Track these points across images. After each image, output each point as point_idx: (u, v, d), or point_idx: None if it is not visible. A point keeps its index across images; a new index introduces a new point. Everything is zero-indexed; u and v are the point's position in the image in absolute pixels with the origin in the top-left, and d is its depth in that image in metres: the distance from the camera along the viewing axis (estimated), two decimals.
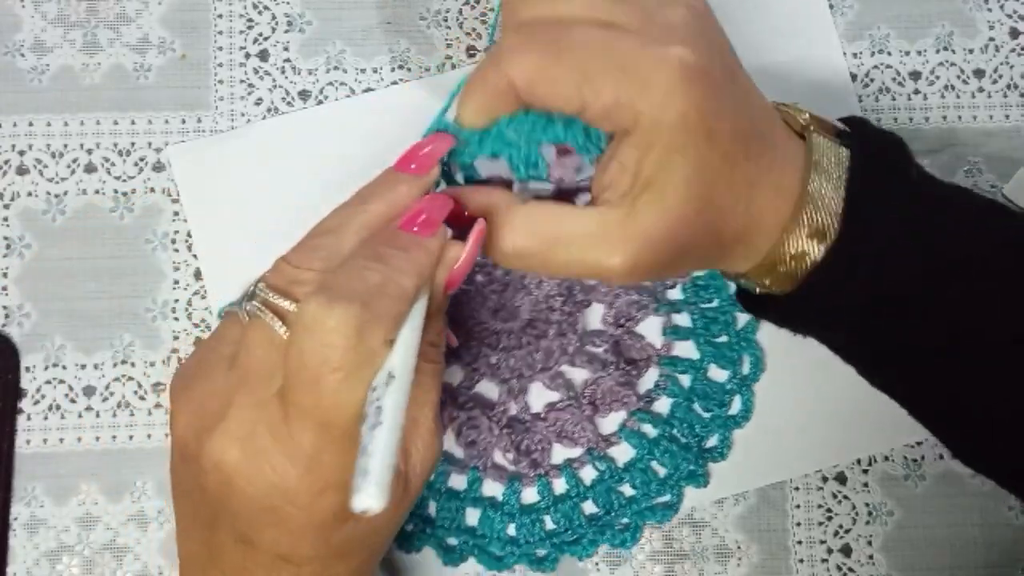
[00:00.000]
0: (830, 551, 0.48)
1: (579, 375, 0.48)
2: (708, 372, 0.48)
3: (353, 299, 0.32)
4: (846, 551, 0.48)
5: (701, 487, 0.48)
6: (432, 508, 0.47)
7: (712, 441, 0.48)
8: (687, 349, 0.49)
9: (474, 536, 0.47)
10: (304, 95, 0.51)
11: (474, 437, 0.47)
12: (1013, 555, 0.48)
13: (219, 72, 0.51)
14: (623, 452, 0.48)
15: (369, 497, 0.30)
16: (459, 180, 0.39)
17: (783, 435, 0.48)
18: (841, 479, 0.49)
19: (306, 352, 0.32)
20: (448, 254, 0.35)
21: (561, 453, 0.48)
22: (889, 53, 0.52)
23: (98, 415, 0.48)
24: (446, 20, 0.52)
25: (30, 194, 0.50)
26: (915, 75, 0.52)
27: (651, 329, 0.49)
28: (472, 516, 0.47)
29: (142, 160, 0.50)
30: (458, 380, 0.48)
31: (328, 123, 0.51)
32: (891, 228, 0.36)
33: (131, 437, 0.48)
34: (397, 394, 0.32)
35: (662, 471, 0.48)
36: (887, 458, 0.49)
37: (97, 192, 0.50)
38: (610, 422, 0.48)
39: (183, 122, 0.51)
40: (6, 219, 0.50)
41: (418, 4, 0.52)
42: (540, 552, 0.47)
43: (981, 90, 0.52)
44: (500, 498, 0.48)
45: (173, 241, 0.50)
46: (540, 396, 0.48)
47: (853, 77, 0.52)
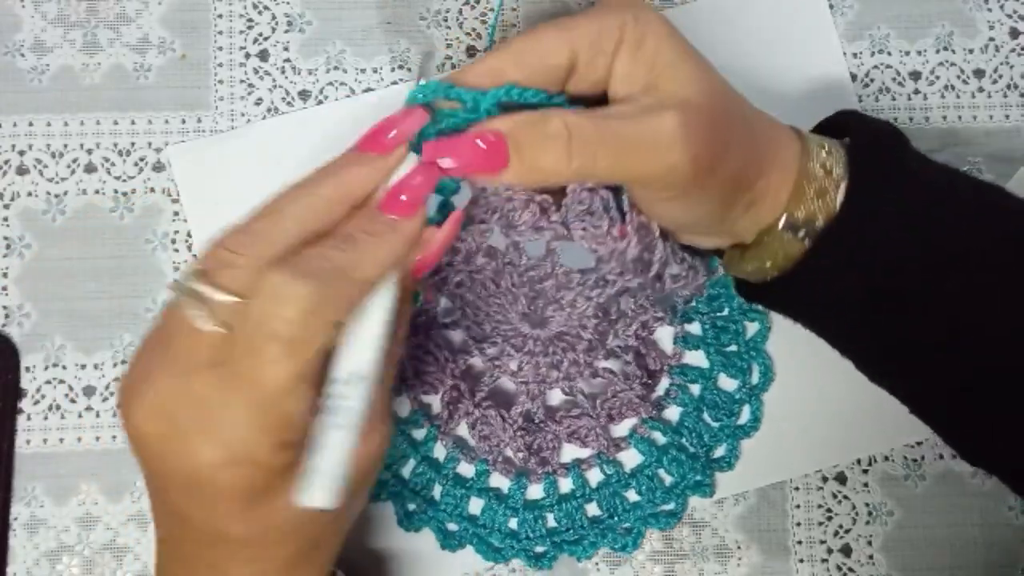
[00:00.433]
0: (830, 551, 0.48)
1: (599, 384, 0.48)
2: (718, 381, 0.48)
3: (313, 277, 0.32)
4: (846, 551, 0.48)
5: (707, 497, 0.48)
6: (437, 491, 0.48)
7: (720, 451, 0.48)
8: (698, 358, 0.49)
9: (475, 525, 0.47)
10: (304, 95, 0.51)
11: (488, 433, 0.47)
12: (1013, 555, 0.48)
13: (219, 72, 0.51)
14: (631, 457, 0.48)
15: (314, 498, 0.29)
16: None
17: (783, 435, 0.48)
18: (841, 479, 0.49)
19: (257, 319, 0.32)
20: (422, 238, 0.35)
21: (570, 453, 0.48)
22: (889, 53, 0.52)
23: (98, 415, 0.48)
24: (446, 20, 0.52)
25: (30, 194, 0.50)
26: (915, 75, 0.52)
27: (663, 337, 0.49)
28: (476, 505, 0.48)
29: (142, 160, 0.50)
30: (480, 372, 0.48)
31: (328, 123, 0.51)
32: (887, 214, 0.37)
33: None
34: (361, 399, 0.31)
35: (668, 479, 0.48)
36: (887, 458, 0.49)
37: (97, 192, 0.50)
38: (621, 427, 0.48)
39: (183, 122, 0.51)
40: (6, 219, 0.50)
41: (418, 4, 0.52)
42: (539, 549, 0.47)
43: (981, 90, 0.52)
44: (505, 491, 0.48)
45: (173, 241, 0.50)
46: (557, 399, 0.49)
47: (853, 77, 0.52)
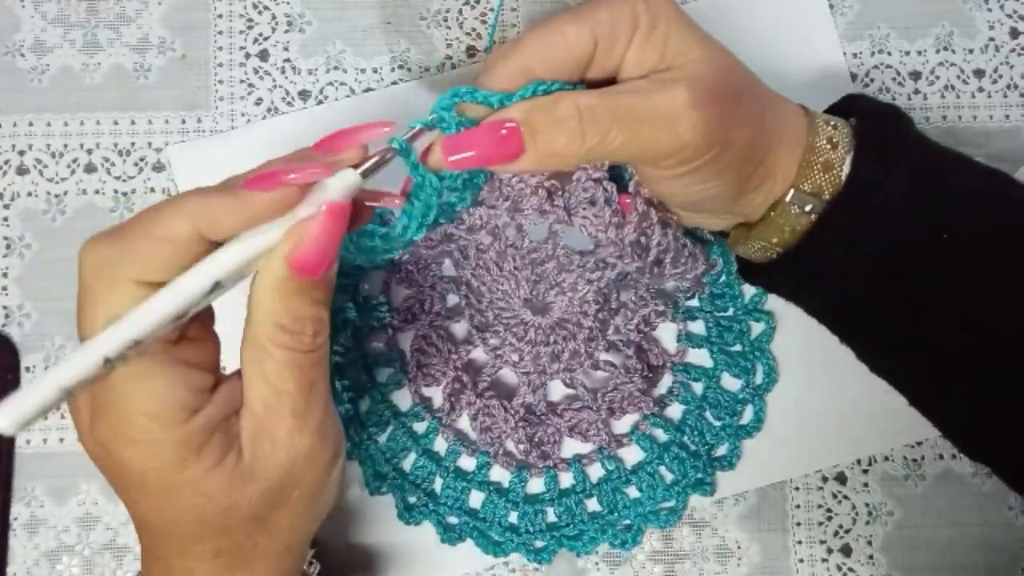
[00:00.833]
0: (830, 551, 0.48)
1: (600, 377, 0.48)
2: (721, 381, 0.48)
3: (111, 231, 0.32)
4: (846, 551, 0.48)
5: (707, 496, 0.48)
6: (438, 484, 0.48)
7: (722, 450, 0.48)
8: (701, 357, 0.49)
9: (475, 518, 0.47)
10: (304, 95, 0.51)
11: (489, 424, 0.47)
12: (1013, 555, 0.48)
13: (219, 72, 0.51)
14: (633, 454, 0.48)
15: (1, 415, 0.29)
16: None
17: (784, 435, 0.48)
18: (841, 479, 0.49)
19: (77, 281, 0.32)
20: (296, 231, 0.32)
21: (571, 448, 0.48)
22: (889, 53, 0.52)
23: None
24: (446, 20, 0.52)
25: (30, 194, 0.50)
26: (915, 75, 0.52)
27: (666, 335, 0.49)
28: (476, 499, 0.48)
29: (142, 160, 0.50)
30: (482, 364, 0.48)
31: (328, 123, 0.51)
32: (892, 186, 0.37)
33: None
34: (97, 342, 0.30)
35: (669, 477, 0.48)
36: (887, 458, 0.49)
37: (97, 192, 0.50)
38: (623, 423, 0.48)
39: (183, 122, 0.51)
40: (6, 219, 0.50)
41: (418, 4, 0.52)
42: (538, 543, 0.47)
43: (981, 90, 0.52)
44: (506, 485, 0.48)
45: None
46: (559, 392, 0.49)
47: (853, 77, 0.52)
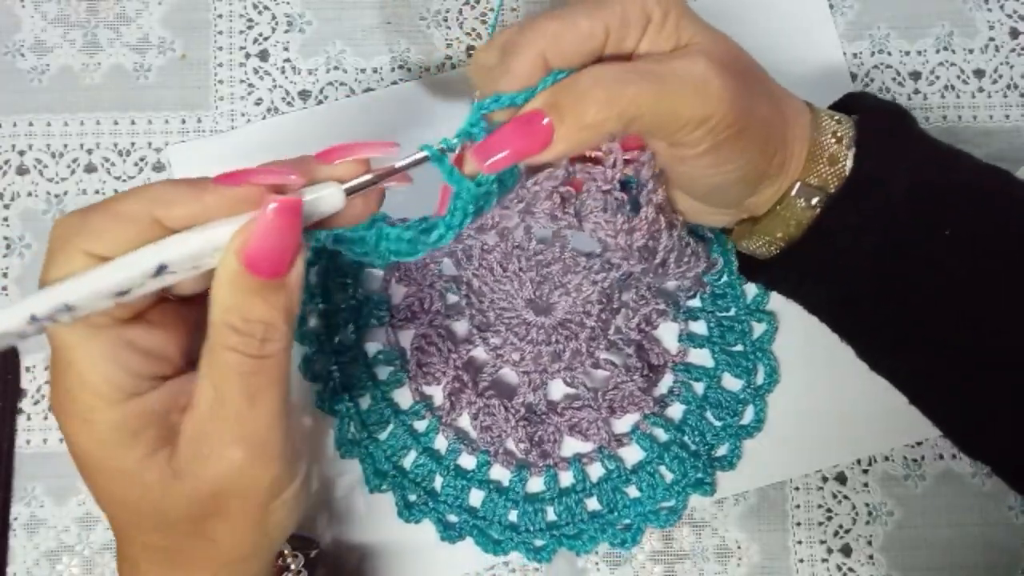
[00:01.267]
0: (830, 551, 0.48)
1: (601, 376, 0.48)
2: (722, 381, 0.48)
3: (83, 208, 0.32)
4: (846, 551, 0.48)
5: (707, 496, 0.48)
6: (438, 483, 0.48)
7: (722, 450, 0.48)
8: (702, 357, 0.49)
9: (475, 517, 0.47)
10: (304, 95, 0.51)
11: (489, 423, 0.47)
12: (1013, 555, 0.48)
13: (219, 72, 0.51)
14: (633, 453, 0.48)
15: None
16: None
17: (784, 435, 0.48)
18: (841, 479, 0.49)
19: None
20: (247, 226, 0.31)
21: (572, 447, 0.48)
22: (889, 53, 0.52)
23: None
24: (446, 20, 0.52)
25: (30, 194, 0.50)
26: (915, 75, 0.52)
27: (668, 335, 0.49)
28: (476, 497, 0.48)
29: (142, 160, 0.50)
30: (482, 363, 0.48)
31: (328, 123, 0.51)
32: (896, 178, 0.38)
33: None
34: (28, 300, 0.31)
35: (669, 476, 0.48)
36: (887, 458, 0.49)
37: (97, 192, 0.50)
38: (623, 422, 0.48)
39: (183, 122, 0.51)
40: (6, 219, 0.50)
41: (418, 4, 0.52)
42: (538, 542, 0.47)
43: (981, 90, 0.52)
44: (506, 483, 0.48)
45: None
46: (559, 391, 0.49)
47: (853, 77, 0.52)
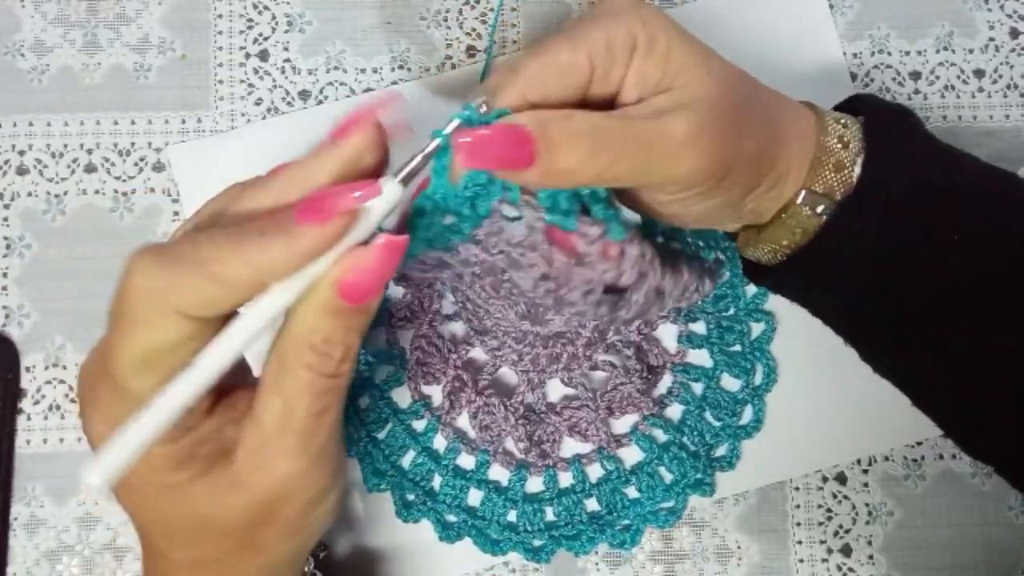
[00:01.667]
0: (830, 551, 0.48)
1: (600, 377, 0.48)
2: (721, 381, 0.48)
3: (164, 255, 0.30)
4: (846, 551, 0.48)
5: (707, 496, 0.48)
6: (436, 482, 0.48)
7: (721, 450, 0.48)
8: (701, 357, 0.49)
9: (474, 517, 0.47)
10: (304, 95, 0.51)
11: (488, 422, 0.47)
12: (1013, 555, 0.48)
13: (219, 72, 0.51)
14: (632, 454, 0.48)
15: (90, 471, 0.28)
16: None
17: (783, 435, 0.48)
18: (841, 479, 0.49)
19: (115, 293, 0.31)
20: (349, 258, 0.32)
21: (571, 447, 0.48)
22: (889, 53, 0.52)
23: None
24: (446, 20, 0.52)
25: (30, 194, 0.50)
26: (915, 75, 0.52)
27: (667, 335, 0.49)
28: (475, 497, 0.48)
29: (142, 160, 0.50)
30: (481, 363, 0.48)
31: (328, 123, 0.50)
32: (904, 185, 0.37)
33: None
34: (180, 384, 0.30)
35: (668, 477, 0.48)
36: (887, 458, 0.49)
37: (97, 192, 0.50)
38: (622, 423, 0.48)
39: (183, 122, 0.51)
40: (6, 219, 0.50)
41: (418, 4, 0.52)
42: (537, 543, 0.47)
43: (981, 90, 0.52)
44: (505, 483, 0.48)
45: None
46: (558, 390, 0.49)
47: (853, 77, 0.52)
